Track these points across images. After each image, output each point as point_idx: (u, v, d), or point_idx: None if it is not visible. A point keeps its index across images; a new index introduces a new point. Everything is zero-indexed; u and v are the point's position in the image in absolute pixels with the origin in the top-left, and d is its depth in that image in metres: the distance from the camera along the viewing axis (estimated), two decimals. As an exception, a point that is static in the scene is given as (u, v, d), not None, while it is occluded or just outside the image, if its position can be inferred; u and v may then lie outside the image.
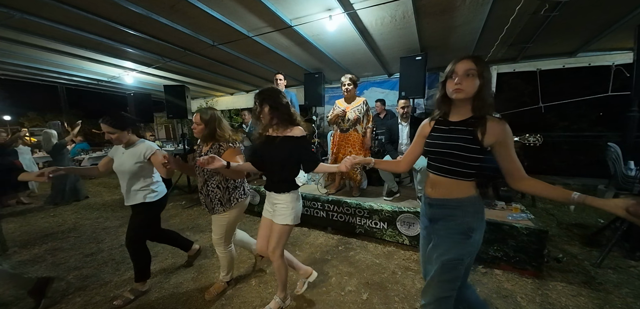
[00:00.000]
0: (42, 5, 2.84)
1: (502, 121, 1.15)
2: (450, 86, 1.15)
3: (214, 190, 1.97)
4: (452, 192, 1.21)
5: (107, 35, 3.66)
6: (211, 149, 1.96)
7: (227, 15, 3.21)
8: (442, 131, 1.24)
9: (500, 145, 1.14)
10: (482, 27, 3.41)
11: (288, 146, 1.68)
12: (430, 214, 1.30)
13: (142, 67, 5.27)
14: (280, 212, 1.75)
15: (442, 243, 1.23)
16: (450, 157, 1.19)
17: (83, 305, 2.13)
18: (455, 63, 1.14)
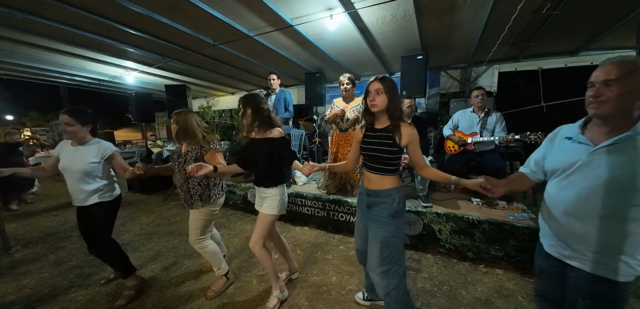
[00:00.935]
0: (44, 5, 2.86)
1: (411, 125, 1.49)
2: (368, 103, 1.49)
3: (195, 187, 2.06)
4: (382, 184, 1.54)
5: (108, 35, 3.68)
6: (191, 151, 2.03)
7: (228, 15, 3.22)
8: (371, 137, 1.56)
9: (411, 144, 1.50)
10: (484, 26, 3.40)
11: (269, 146, 1.87)
12: (368, 202, 1.61)
13: (143, 67, 5.28)
14: (268, 204, 1.94)
15: (377, 226, 1.54)
16: (379, 157, 1.52)
17: (85, 303, 2.14)
18: (369, 84, 1.49)
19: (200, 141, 2.06)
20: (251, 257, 2.76)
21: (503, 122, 2.97)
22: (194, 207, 2.08)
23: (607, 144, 0.97)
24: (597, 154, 0.99)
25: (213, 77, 6.29)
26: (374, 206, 1.57)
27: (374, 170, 1.56)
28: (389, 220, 1.51)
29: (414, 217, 2.76)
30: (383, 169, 1.53)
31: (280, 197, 1.95)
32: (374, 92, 1.46)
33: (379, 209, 1.54)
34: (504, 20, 3.08)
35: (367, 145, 1.57)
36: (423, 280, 2.30)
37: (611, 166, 0.95)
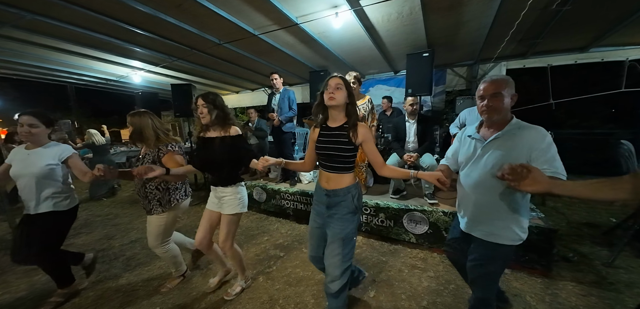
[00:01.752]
0: (52, 6, 2.89)
1: (364, 124, 1.52)
2: (326, 96, 1.48)
3: (153, 191, 1.98)
4: (341, 182, 1.55)
5: (115, 35, 3.71)
6: (148, 154, 1.96)
7: (233, 14, 3.22)
8: (326, 136, 1.56)
9: (365, 143, 1.52)
10: (492, 22, 3.35)
11: (227, 145, 1.84)
12: (327, 202, 1.59)
13: (149, 67, 5.33)
14: (228, 204, 1.92)
15: (338, 224, 1.54)
16: (336, 156, 1.52)
17: (96, 299, 2.18)
18: (328, 80, 1.49)
19: (156, 143, 1.97)
20: (257, 255, 2.79)
21: (511, 121, 2.93)
22: (153, 213, 1.99)
23: (491, 139, 1.33)
24: (486, 147, 1.35)
25: (218, 76, 6.31)
26: (334, 205, 1.57)
27: (332, 169, 1.56)
28: (350, 217, 1.55)
29: (420, 216, 2.74)
30: (341, 167, 1.54)
31: (240, 195, 1.96)
32: (334, 87, 1.47)
33: (339, 208, 1.55)
34: (512, 16, 3.03)
35: (323, 144, 1.56)
36: (429, 279, 2.29)
37: (494, 154, 1.31)
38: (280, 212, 3.81)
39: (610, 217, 3.40)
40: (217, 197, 1.97)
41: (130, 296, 2.20)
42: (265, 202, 3.94)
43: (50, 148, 1.94)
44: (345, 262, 1.54)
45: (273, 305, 2.04)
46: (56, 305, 2.08)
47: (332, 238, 1.56)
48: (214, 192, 1.98)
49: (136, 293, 2.25)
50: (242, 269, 2.18)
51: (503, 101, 1.26)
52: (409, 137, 3.13)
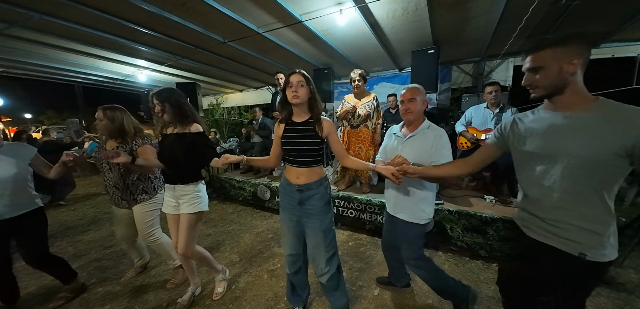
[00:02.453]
0: (59, 6, 2.93)
1: (328, 119, 1.60)
2: (289, 94, 1.49)
3: (135, 182, 2.08)
4: (312, 176, 1.59)
5: (121, 34, 3.75)
6: (122, 147, 2.02)
7: (237, 12, 3.22)
8: (292, 131, 1.58)
9: (330, 135, 1.59)
10: (499, 18, 3.29)
11: (187, 142, 1.82)
12: (299, 198, 1.60)
13: (155, 65, 5.37)
14: (189, 202, 1.86)
15: (316, 217, 1.59)
16: (304, 151, 1.56)
17: (104, 295, 2.22)
18: (289, 76, 1.51)
19: (133, 137, 2.06)
20: (261, 252, 2.80)
21: (518, 118, 2.89)
22: (140, 201, 2.08)
23: (409, 137, 1.65)
24: (406, 143, 1.65)
25: (222, 74, 6.34)
26: (308, 199, 1.59)
27: (302, 164, 1.58)
28: (326, 208, 1.61)
29: (425, 214, 2.72)
30: (310, 161, 1.58)
31: (201, 193, 1.92)
32: (297, 84, 1.48)
33: (313, 201, 1.58)
34: (520, 11, 2.96)
35: (290, 140, 1.57)
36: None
37: (410, 150, 1.61)
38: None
39: (620, 217, 3.33)
40: (174, 197, 1.90)
41: (138, 293, 2.23)
42: (269, 200, 3.96)
43: (17, 149, 1.92)
44: (329, 251, 1.62)
45: (277, 302, 2.06)
46: (66, 300, 2.13)
47: (312, 232, 1.60)
48: (172, 192, 1.89)
49: (144, 288, 2.28)
50: (215, 265, 2.16)
51: (417, 105, 1.59)
52: (414, 136, 3.11)
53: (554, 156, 1.00)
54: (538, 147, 1.06)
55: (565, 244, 1.00)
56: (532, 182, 1.09)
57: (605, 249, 0.97)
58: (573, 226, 0.99)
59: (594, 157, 0.92)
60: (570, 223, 1.00)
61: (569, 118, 0.99)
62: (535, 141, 1.07)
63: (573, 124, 0.97)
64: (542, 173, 1.05)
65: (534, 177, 1.08)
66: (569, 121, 0.98)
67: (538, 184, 1.06)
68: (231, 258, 2.72)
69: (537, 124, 1.09)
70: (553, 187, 1.02)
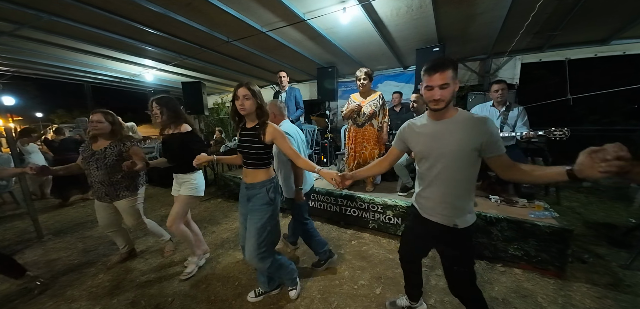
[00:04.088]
0: (68, 7, 2.99)
1: (273, 124, 1.70)
2: (237, 106, 1.63)
3: (120, 180, 2.30)
4: (256, 177, 1.74)
5: (128, 34, 3.81)
6: (111, 148, 2.25)
7: (241, 11, 3.24)
8: (243, 136, 1.74)
9: (276, 140, 1.68)
10: (506, 14, 3.23)
11: (179, 140, 2.18)
12: (247, 195, 1.79)
13: (161, 65, 5.45)
14: (186, 187, 2.26)
15: (255, 215, 1.74)
16: (249, 153, 1.72)
17: (111, 289, 2.27)
18: (237, 89, 1.62)
19: (121, 138, 2.30)
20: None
21: (525, 117, 2.83)
22: (122, 197, 2.32)
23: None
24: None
25: (227, 73, 6.39)
26: (252, 197, 1.76)
27: (249, 165, 1.75)
28: (264, 208, 1.73)
29: (429, 214, 2.70)
30: (255, 163, 1.73)
31: (196, 181, 2.29)
32: (243, 98, 1.61)
33: (255, 200, 1.75)
34: (528, 7, 2.91)
35: (242, 143, 1.75)
36: (437, 278, 2.26)
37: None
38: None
39: (629, 218, 3.26)
40: (178, 183, 2.31)
41: (145, 286, 2.28)
42: (273, 198, 3.98)
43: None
44: (260, 249, 1.74)
45: (280, 298, 2.07)
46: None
47: (249, 227, 1.76)
48: (176, 180, 2.32)
49: (151, 282, 2.32)
50: (195, 248, 2.45)
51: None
52: (417, 134, 3.08)
53: (436, 154, 1.30)
54: (426, 148, 1.34)
55: (444, 219, 1.34)
56: (423, 175, 1.40)
57: (467, 217, 1.32)
58: (449, 206, 1.32)
59: (461, 152, 1.23)
60: (443, 203, 1.33)
61: (444, 124, 1.29)
62: (424, 143, 1.35)
63: (448, 128, 1.27)
64: (428, 168, 1.35)
65: (424, 171, 1.39)
66: (445, 127, 1.28)
67: (427, 176, 1.37)
68: (235, 255, 2.75)
69: (424, 129, 1.37)
70: (436, 178, 1.32)
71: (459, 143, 1.22)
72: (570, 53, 4.43)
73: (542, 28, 3.63)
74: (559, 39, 4.08)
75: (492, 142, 1.18)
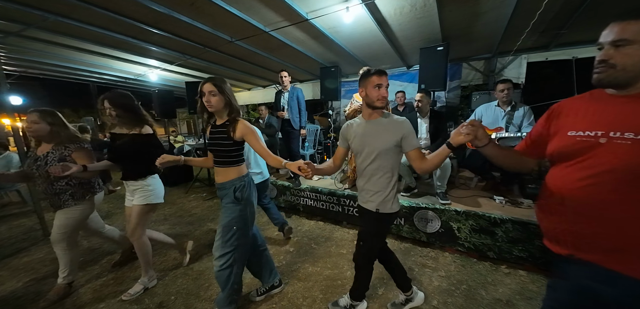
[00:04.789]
0: (74, 8, 3.03)
1: (244, 121, 1.67)
2: (204, 101, 1.60)
3: (64, 187, 2.01)
4: (226, 176, 1.69)
5: (132, 34, 3.84)
6: (54, 152, 1.97)
7: (244, 11, 3.25)
8: (213, 133, 1.69)
9: (247, 137, 1.65)
10: (511, 13, 3.19)
11: (139, 142, 1.98)
12: (219, 195, 1.75)
13: (165, 65, 5.49)
14: (139, 195, 2.05)
15: (223, 213, 1.71)
16: (218, 151, 1.67)
17: (115, 286, 2.29)
18: (202, 85, 1.59)
19: (65, 141, 2.02)
20: (267, 250, 2.82)
21: (531, 117, 2.79)
22: (64, 206, 2.02)
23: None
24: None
25: (230, 73, 6.42)
26: (223, 197, 1.72)
27: (218, 163, 1.71)
28: (231, 207, 1.69)
29: (432, 214, 2.68)
30: (224, 161, 1.68)
31: (151, 187, 2.08)
32: (208, 94, 1.57)
33: (225, 199, 1.71)
34: (534, 5, 2.86)
35: (211, 141, 1.69)
36: (440, 278, 2.24)
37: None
38: (291, 208, 3.84)
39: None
40: (130, 192, 2.11)
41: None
42: (275, 198, 3.99)
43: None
44: (225, 248, 1.68)
45: (281, 298, 2.07)
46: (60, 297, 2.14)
47: (218, 224, 1.73)
48: (127, 187, 2.10)
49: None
50: (147, 266, 2.20)
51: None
52: (420, 134, 3.06)
53: (367, 150, 1.54)
54: (360, 144, 1.57)
55: (372, 205, 1.57)
56: (359, 169, 1.64)
57: (388, 204, 1.54)
58: (373, 193, 1.56)
59: (386, 147, 1.48)
60: (371, 192, 1.57)
61: (374, 124, 1.54)
62: (358, 140, 1.58)
63: (377, 128, 1.52)
64: (361, 162, 1.60)
65: (359, 164, 1.62)
66: (374, 127, 1.53)
67: (360, 168, 1.62)
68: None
69: (359, 129, 1.60)
70: (366, 170, 1.57)
71: (385, 140, 1.48)
72: (577, 52, 4.35)
73: (549, 26, 3.58)
74: (566, 37, 4.01)
75: (408, 139, 1.46)
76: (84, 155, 2.06)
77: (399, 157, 1.54)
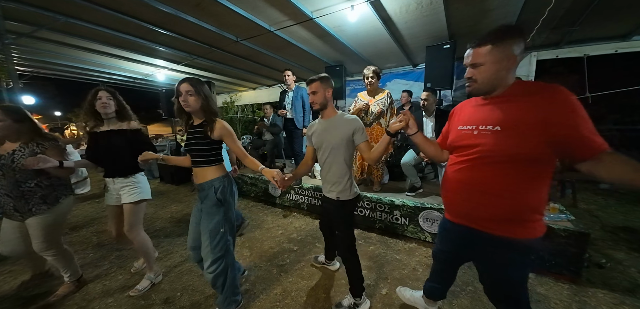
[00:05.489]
0: (84, 9, 3.09)
1: (222, 121, 1.67)
2: (180, 101, 1.59)
3: (33, 189, 1.84)
4: (205, 176, 1.70)
5: (140, 34, 3.91)
6: (21, 150, 1.81)
7: (250, 11, 3.27)
8: (190, 134, 1.69)
9: (225, 137, 1.67)
10: (521, 9, 3.12)
11: (128, 137, 1.99)
12: (200, 196, 1.75)
13: (172, 65, 5.56)
14: (130, 192, 2.02)
15: (206, 217, 1.69)
16: (196, 151, 1.68)
17: (124, 282, 2.34)
18: (179, 85, 1.58)
19: (36, 138, 1.87)
20: (271, 247, 2.84)
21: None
22: (37, 213, 1.85)
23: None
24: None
25: (236, 73, 6.46)
26: (203, 199, 1.71)
27: (196, 164, 1.71)
28: (214, 209, 1.67)
29: (437, 214, 2.66)
30: (203, 161, 1.68)
31: (141, 183, 2.08)
32: (185, 94, 1.56)
33: (206, 201, 1.69)
34: (544, 1, 2.80)
35: (190, 141, 1.69)
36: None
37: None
38: (295, 206, 3.85)
39: (653, 222, 3.10)
40: (115, 190, 2.05)
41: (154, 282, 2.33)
42: (280, 196, 4.01)
43: None
44: (215, 253, 1.66)
45: (285, 297, 2.08)
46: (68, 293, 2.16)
47: (203, 231, 1.70)
48: (112, 184, 2.04)
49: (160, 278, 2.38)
50: (151, 261, 2.22)
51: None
52: (426, 133, 3.03)
53: (325, 145, 1.73)
54: (319, 140, 1.77)
55: (332, 194, 1.76)
56: (320, 162, 1.82)
57: (346, 192, 1.73)
58: (332, 183, 1.75)
59: (340, 142, 1.67)
60: (331, 182, 1.76)
61: (328, 122, 1.74)
62: (317, 137, 1.79)
63: (333, 125, 1.71)
64: (321, 156, 1.79)
65: (320, 157, 1.81)
66: (329, 124, 1.73)
67: (321, 161, 1.80)
68: (242, 252, 2.79)
69: (318, 127, 1.80)
70: (325, 163, 1.76)
71: (337, 135, 1.67)
72: (589, 49, 4.24)
73: (559, 23, 3.49)
74: (577, 34, 3.91)
75: (359, 133, 1.65)
76: (59, 153, 1.94)
77: (351, 151, 1.72)
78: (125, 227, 2.04)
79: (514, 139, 1.02)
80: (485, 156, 1.11)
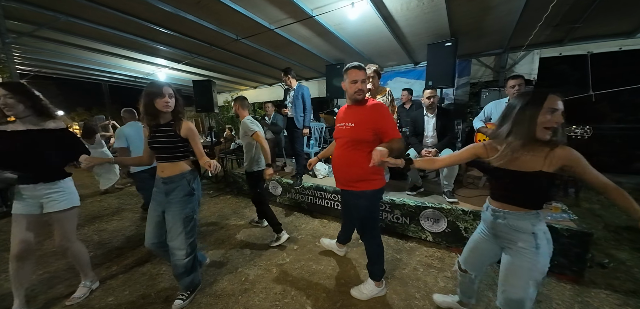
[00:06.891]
0: (84, 8, 3.10)
1: (188, 121, 1.83)
2: (161, 103, 1.71)
3: None
4: (174, 170, 1.82)
5: (141, 33, 3.91)
6: None
7: (250, 9, 3.26)
8: (156, 133, 1.78)
9: (190, 136, 1.81)
10: (523, 6, 3.09)
11: (52, 138, 1.80)
12: (165, 190, 1.83)
13: (172, 64, 5.57)
14: (58, 199, 1.83)
15: (177, 206, 1.81)
16: (165, 148, 1.78)
17: (125, 281, 2.34)
18: (162, 88, 1.72)
19: None
20: (272, 246, 2.84)
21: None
22: None
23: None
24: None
25: (236, 71, 6.46)
26: (172, 191, 1.81)
27: (165, 160, 1.81)
28: (187, 199, 1.82)
29: (438, 214, 2.64)
30: (173, 156, 1.80)
31: (70, 189, 1.92)
32: (168, 96, 1.73)
33: (176, 192, 1.80)
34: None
35: (155, 139, 1.78)
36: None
37: None
38: (295, 205, 3.85)
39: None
40: (35, 198, 1.77)
41: (155, 278, 2.34)
42: (280, 196, 4.00)
43: None
44: (188, 238, 1.84)
45: (285, 296, 2.08)
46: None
47: (173, 220, 1.80)
48: (30, 192, 1.76)
49: (160, 275, 2.38)
50: (88, 267, 2.12)
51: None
52: (428, 132, 3.01)
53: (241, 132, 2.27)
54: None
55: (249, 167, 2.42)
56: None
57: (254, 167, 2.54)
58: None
59: (242, 132, 2.40)
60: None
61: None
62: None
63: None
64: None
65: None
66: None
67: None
68: (243, 251, 2.78)
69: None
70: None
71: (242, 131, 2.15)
72: (592, 46, 4.19)
73: (563, 20, 3.46)
74: (581, 31, 3.87)
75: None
76: None
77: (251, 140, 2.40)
78: (58, 239, 1.87)
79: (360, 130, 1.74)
80: (347, 141, 1.80)
